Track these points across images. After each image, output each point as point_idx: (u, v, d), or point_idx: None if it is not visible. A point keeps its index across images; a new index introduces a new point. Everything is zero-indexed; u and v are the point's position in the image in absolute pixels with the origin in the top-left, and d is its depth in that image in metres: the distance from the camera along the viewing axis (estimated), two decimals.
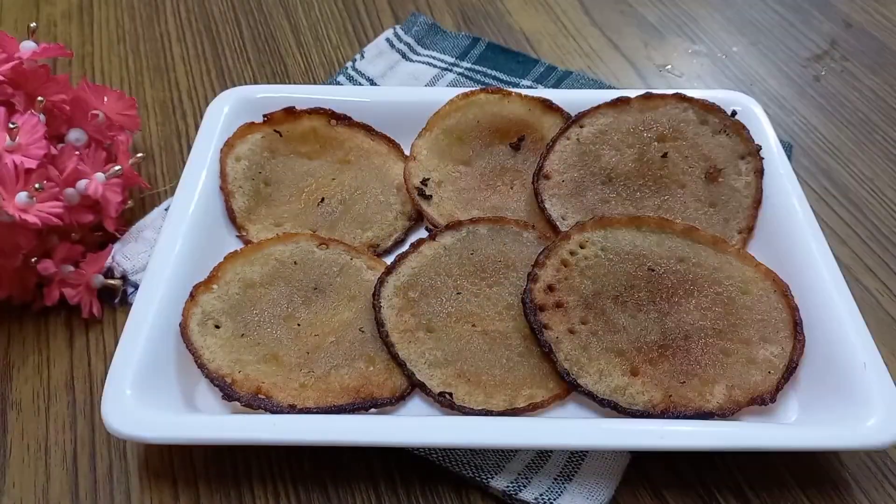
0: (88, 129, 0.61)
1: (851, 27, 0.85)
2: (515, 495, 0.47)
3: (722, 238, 0.56)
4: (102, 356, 0.55)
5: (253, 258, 0.56)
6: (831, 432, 0.46)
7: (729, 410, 0.49)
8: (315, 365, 0.51)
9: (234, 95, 0.66)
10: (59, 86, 0.60)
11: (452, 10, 0.86)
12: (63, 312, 0.58)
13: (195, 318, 0.52)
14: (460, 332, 0.52)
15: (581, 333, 0.51)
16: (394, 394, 0.50)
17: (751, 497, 0.48)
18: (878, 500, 0.49)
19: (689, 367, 0.50)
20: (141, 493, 0.48)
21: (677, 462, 0.50)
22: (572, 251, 0.55)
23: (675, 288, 0.53)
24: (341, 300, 0.55)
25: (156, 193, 0.67)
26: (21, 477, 0.49)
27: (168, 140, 0.71)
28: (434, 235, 0.57)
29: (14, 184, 0.51)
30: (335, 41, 0.82)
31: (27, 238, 0.53)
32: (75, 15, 0.85)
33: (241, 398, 0.49)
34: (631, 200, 0.59)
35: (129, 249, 0.60)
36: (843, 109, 0.76)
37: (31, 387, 0.54)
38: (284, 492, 0.49)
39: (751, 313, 0.53)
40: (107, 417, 0.45)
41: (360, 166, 0.64)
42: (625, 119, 0.63)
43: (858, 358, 0.49)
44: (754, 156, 0.61)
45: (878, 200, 0.67)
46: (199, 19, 0.85)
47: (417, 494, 0.49)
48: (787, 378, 0.50)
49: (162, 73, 0.78)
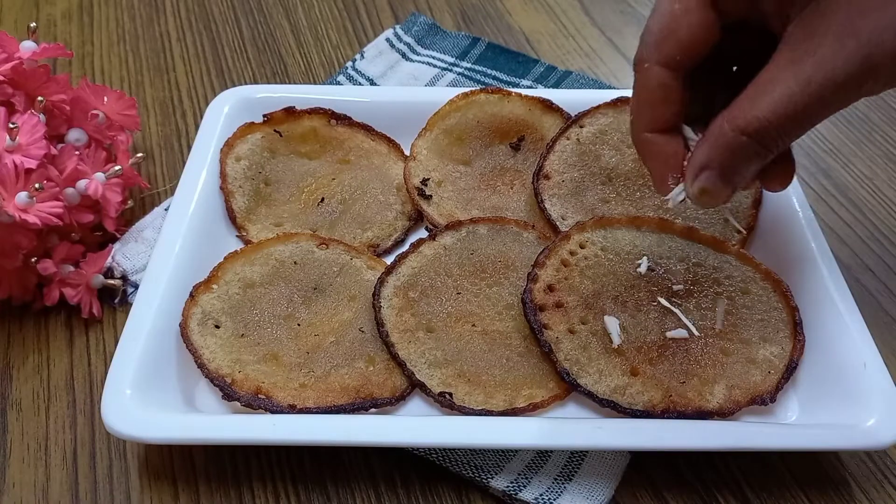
0: (88, 129, 0.61)
1: None
2: (515, 495, 0.47)
3: (722, 238, 0.56)
4: (102, 356, 0.55)
5: (253, 258, 0.56)
6: (831, 432, 0.46)
7: (729, 410, 0.49)
8: (315, 365, 0.51)
9: (234, 95, 0.66)
10: (59, 86, 0.60)
11: (452, 10, 0.86)
12: (63, 312, 0.58)
13: (195, 318, 0.52)
14: (460, 332, 0.52)
15: (581, 333, 0.51)
16: (394, 394, 0.50)
17: (751, 497, 0.48)
18: (878, 500, 0.49)
19: (688, 366, 0.50)
20: (141, 493, 0.48)
21: (677, 462, 0.50)
22: (572, 251, 0.55)
23: (675, 288, 0.53)
24: (341, 300, 0.55)
25: (156, 193, 0.67)
26: (21, 477, 0.49)
27: (168, 140, 0.71)
28: (434, 235, 0.57)
29: (14, 184, 0.51)
30: (335, 41, 0.82)
31: (27, 238, 0.53)
32: (75, 15, 0.85)
33: (241, 398, 0.49)
34: (631, 200, 0.59)
35: (129, 249, 0.60)
36: (843, 109, 0.76)
37: (31, 387, 0.54)
38: (284, 492, 0.49)
39: (751, 313, 0.53)
40: (107, 417, 0.45)
41: (360, 166, 0.64)
42: (625, 119, 0.63)
43: (858, 358, 0.49)
44: None
45: (877, 200, 0.67)
46: (199, 19, 0.85)
47: (417, 494, 0.49)
48: (787, 378, 0.50)
49: (162, 73, 0.78)
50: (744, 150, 0.34)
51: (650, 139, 0.38)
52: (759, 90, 0.33)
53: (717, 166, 0.36)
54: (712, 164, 0.36)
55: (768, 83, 0.33)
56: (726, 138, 0.34)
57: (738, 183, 0.37)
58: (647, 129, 0.38)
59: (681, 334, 0.51)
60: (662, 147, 0.38)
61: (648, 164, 0.39)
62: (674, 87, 0.37)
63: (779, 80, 0.32)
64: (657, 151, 0.39)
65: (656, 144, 0.38)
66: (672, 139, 0.38)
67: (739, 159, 0.35)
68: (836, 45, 0.31)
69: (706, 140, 0.36)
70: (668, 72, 0.36)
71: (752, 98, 0.33)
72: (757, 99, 0.33)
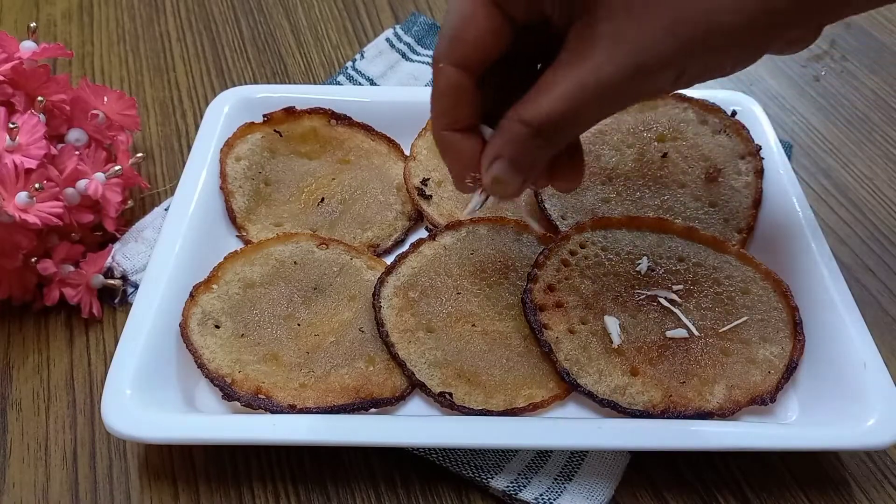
0: (88, 129, 0.61)
1: (851, 27, 0.85)
2: (515, 495, 0.47)
3: (722, 238, 0.56)
4: (102, 356, 0.55)
5: (253, 258, 0.56)
6: (831, 432, 0.46)
7: (729, 410, 0.49)
8: (315, 365, 0.51)
9: (234, 95, 0.66)
10: (59, 86, 0.60)
11: None
12: (63, 312, 0.58)
13: (195, 318, 0.52)
14: (460, 332, 0.52)
15: (581, 333, 0.51)
16: (394, 394, 0.50)
17: (751, 497, 0.48)
18: (878, 500, 0.49)
19: (688, 366, 0.50)
20: (141, 493, 0.48)
21: (677, 462, 0.50)
22: (572, 251, 0.55)
23: (675, 288, 0.53)
24: (341, 300, 0.55)
25: (156, 193, 0.67)
26: (21, 477, 0.49)
27: (168, 140, 0.71)
28: (434, 235, 0.57)
29: (14, 184, 0.51)
30: (335, 41, 0.82)
31: (27, 238, 0.53)
32: (75, 15, 0.85)
33: (241, 398, 0.49)
34: (631, 200, 0.59)
35: (129, 249, 0.60)
36: (843, 109, 0.76)
37: (31, 387, 0.54)
38: (284, 492, 0.49)
39: (751, 313, 0.53)
40: (107, 417, 0.45)
41: (360, 166, 0.64)
42: (624, 119, 0.63)
43: (858, 358, 0.49)
44: (754, 156, 0.61)
45: (877, 200, 0.67)
46: (199, 19, 0.85)
47: (417, 494, 0.49)
48: (787, 378, 0.50)
49: (162, 73, 0.78)
50: (529, 142, 0.36)
51: (448, 137, 0.39)
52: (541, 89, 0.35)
53: (507, 156, 0.37)
54: (503, 153, 0.37)
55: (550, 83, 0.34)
56: (514, 130, 0.36)
57: (528, 173, 0.38)
58: (445, 128, 0.39)
59: (681, 334, 0.51)
60: (460, 145, 0.39)
61: (447, 162, 0.41)
62: (467, 87, 0.37)
63: (558, 81, 0.34)
64: (455, 150, 0.40)
65: (454, 143, 0.39)
66: (469, 138, 0.39)
67: (526, 150, 0.37)
68: (609, 50, 0.33)
69: (498, 132, 0.38)
70: (461, 72, 0.37)
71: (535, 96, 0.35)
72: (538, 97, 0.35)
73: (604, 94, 0.34)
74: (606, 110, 0.37)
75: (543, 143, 0.36)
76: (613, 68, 0.33)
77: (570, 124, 0.36)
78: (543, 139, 0.36)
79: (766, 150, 0.61)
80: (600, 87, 0.33)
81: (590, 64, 0.33)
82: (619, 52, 0.33)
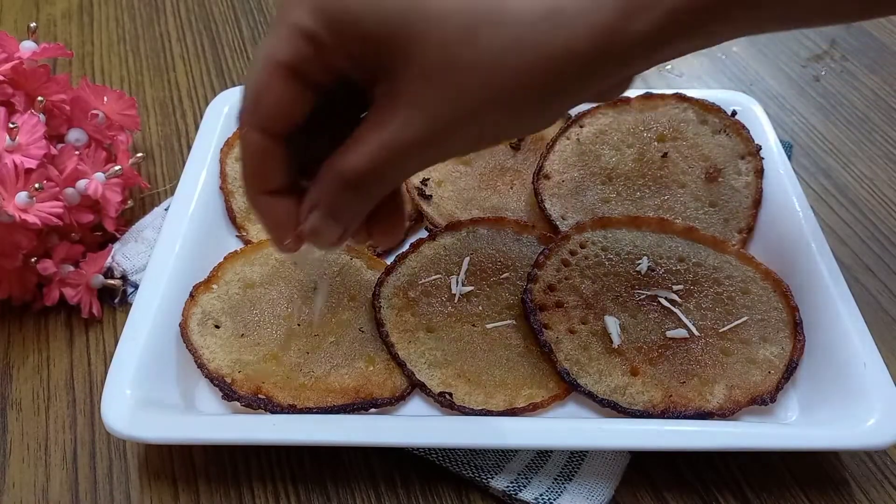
0: (88, 129, 0.61)
1: (851, 27, 0.85)
2: (515, 495, 0.47)
3: (722, 238, 0.56)
4: (102, 356, 0.55)
5: (253, 258, 0.56)
6: (831, 432, 0.46)
7: (729, 410, 0.49)
8: (315, 365, 0.51)
9: (235, 95, 0.66)
10: (59, 86, 0.60)
11: None
12: (63, 312, 0.58)
13: (195, 318, 0.52)
14: (460, 332, 0.52)
15: (581, 333, 0.51)
16: (394, 394, 0.50)
17: (751, 497, 0.48)
18: (878, 500, 0.49)
19: (689, 366, 0.50)
20: (141, 493, 0.48)
21: (677, 462, 0.50)
22: (572, 251, 0.55)
23: (676, 288, 0.53)
24: (341, 300, 0.55)
25: (156, 193, 0.67)
26: (21, 477, 0.49)
27: (168, 140, 0.71)
28: (434, 235, 0.57)
29: (14, 184, 0.51)
30: None
31: (27, 238, 0.53)
32: (75, 15, 0.85)
33: (241, 398, 0.49)
34: (631, 200, 0.59)
35: (129, 249, 0.60)
36: (843, 109, 0.76)
37: (31, 387, 0.54)
38: (284, 492, 0.49)
39: (751, 313, 0.53)
40: (107, 417, 0.46)
41: None
42: (625, 119, 0.63)
43: (858, 358, 0.49)
44: (754, 156, 0.61)
45: (877, 200, 0.67)
46: (199, 19, 0.85)
47: (417, 494, 0.49)
48: (787, 378, 0.50)
49: (162, 73, 0.78)
50: (342, 193, 0.36)
51: (260, 201, 0.39)
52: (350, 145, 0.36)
53: (323, 205, 0.37)
54: (320, 203, 0.37)
55: (358, 140, 0.35)
56: (328, 179, 0.36)
57: (346, 223, 0.38)
58: (256, 192, 0.39)
59: (681, 334, 0.51)
60: (274, 208, 0.39)
61: (263, 225, 0.40)
62: (273, 151, 0.37)
63: (365, 140, 0.35)
64: (270, 213, 0.39)
65: (268, 206, 0.39)
66: (281, 200, 0.39)
67: (341, 201, 0.37)
68: (407, 113, 0.34)
69: (315, 181, 0.38)
70: (265, 137, 0.36)
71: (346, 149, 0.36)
72: (348, 152, 0.35)
73: (406, 153, 0.35)
74: (413, 167, 0.37)
75: (356, 195, 0.37)
76: (413, 131, 0.34)
77: (378, 180, 0.36)
78: (354, 191, 0.36)
79: (766, 150, 0.61)
80: (403, 147, 0.34)
81: (391, 126, 0.34)
82: (417, 116, 0.34)
